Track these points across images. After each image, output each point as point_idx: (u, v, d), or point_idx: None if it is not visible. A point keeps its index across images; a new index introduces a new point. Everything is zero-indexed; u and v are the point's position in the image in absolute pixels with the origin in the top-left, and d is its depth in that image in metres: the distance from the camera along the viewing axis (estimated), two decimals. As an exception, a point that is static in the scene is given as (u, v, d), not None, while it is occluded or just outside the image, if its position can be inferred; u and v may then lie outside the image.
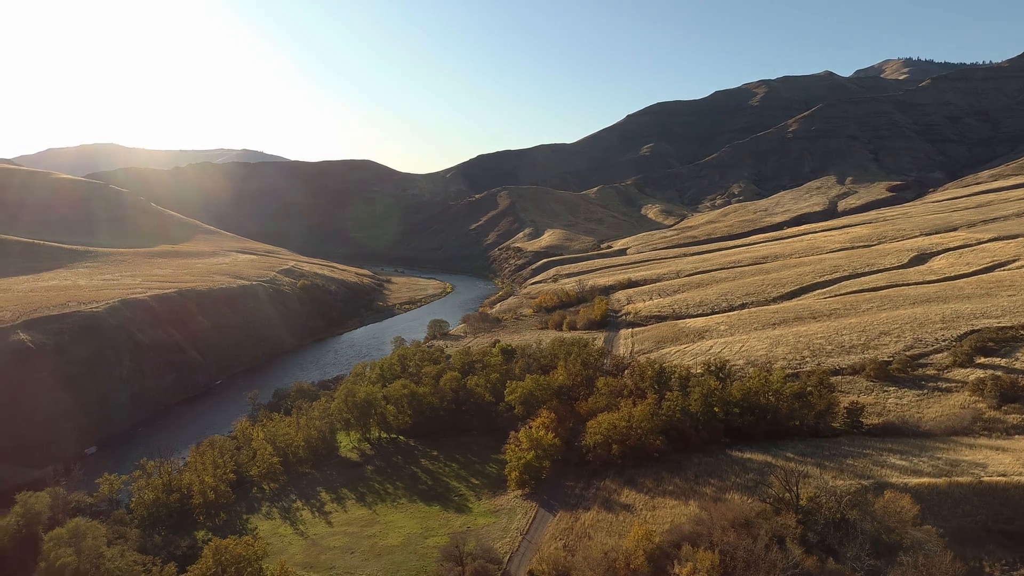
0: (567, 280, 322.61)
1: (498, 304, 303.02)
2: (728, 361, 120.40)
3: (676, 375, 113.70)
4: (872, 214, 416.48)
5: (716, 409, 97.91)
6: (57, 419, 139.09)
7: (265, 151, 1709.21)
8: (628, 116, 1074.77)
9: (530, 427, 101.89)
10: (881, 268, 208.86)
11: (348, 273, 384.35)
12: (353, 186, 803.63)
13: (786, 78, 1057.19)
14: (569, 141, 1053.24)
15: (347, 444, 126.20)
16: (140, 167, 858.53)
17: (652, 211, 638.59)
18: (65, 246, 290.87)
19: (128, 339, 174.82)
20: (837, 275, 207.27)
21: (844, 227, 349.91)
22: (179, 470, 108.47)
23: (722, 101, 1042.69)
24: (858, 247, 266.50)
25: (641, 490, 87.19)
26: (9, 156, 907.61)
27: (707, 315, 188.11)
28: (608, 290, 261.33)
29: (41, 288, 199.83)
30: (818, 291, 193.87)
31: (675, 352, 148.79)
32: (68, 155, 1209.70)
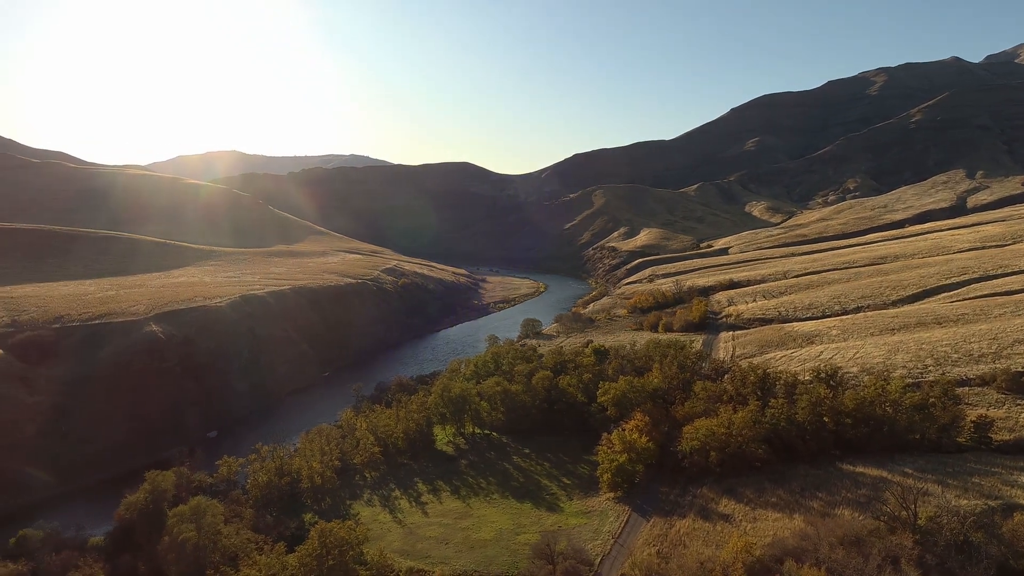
0: (663, 280, 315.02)
1: (591, 304, 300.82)
2: (840, 368, 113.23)
3: (781, 381, 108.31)
4: (1006, 211, 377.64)
5: (826, 419, 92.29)
6: (183, 405, 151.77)
7: (371, 156, 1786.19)
8: (732, 110, 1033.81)
9: (623, 429, 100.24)
10: (1016, 270, 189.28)
11: (445, 272, 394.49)
12: (451, 187, 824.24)
13: (908, 65, 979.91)
14: (668, 138, 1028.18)
15: (443, 438, 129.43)
16: (258, 172, 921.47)
17: (757, 208, 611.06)
18: (192, 246, 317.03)
19: (248, 332, 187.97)
20: (965, 277, 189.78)
21: (974, 225, 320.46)
22: (290, 455, 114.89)
23: (836, 91, 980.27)
24: (990, 247, 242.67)
25: (741, 500, 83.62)
26: (144, 163, 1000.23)
27: (817, 319, 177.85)
28: (707, 291, 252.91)
29: (171, 284, 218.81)
30: (944, 294, 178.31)
31: (781, 357, 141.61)
32: (195, 161, 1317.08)
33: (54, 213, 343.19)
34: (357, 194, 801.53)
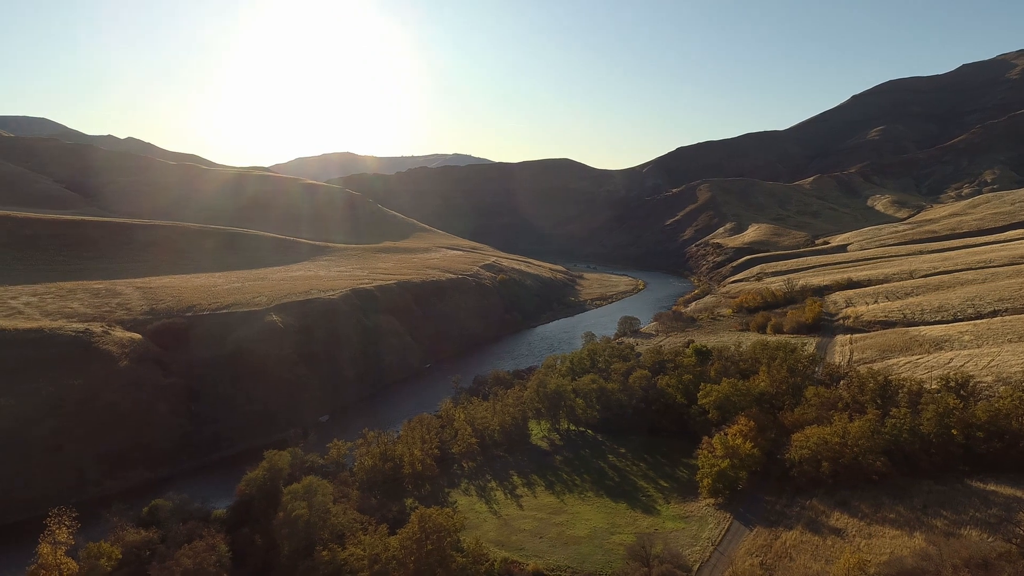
0: (773, 279, 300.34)
1: (693, 303, 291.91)
2: (972, 377, 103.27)
3: (905, 389, 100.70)
4: None
5: (954, 431, 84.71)
6: (298, 390, 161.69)
7: (472, 154, 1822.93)
8: (853, 97, 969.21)
9: (725, 434, 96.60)
10: None
11: (543, 269, 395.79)
12: (550, 184, 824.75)
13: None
14: (780, 128, 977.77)
15: (537, 432, 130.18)
16: (369, 172, 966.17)
17: (880, 202, 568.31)
18: (308, 242, 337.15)
19: (357, 324, 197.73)
20: None
21: None
22: (393, 442, 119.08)
23: (970, 76, 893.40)
24: None
25: (855, 514, 78.41)
26: (267, 164, 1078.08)
27: (947, 323, 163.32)
28: (822, 291, 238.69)
29: (290, 277, 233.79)
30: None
31: (904, 364, 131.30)
32: (312, 163, 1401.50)
33: (188, 211, 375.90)
34: (458, 192, 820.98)
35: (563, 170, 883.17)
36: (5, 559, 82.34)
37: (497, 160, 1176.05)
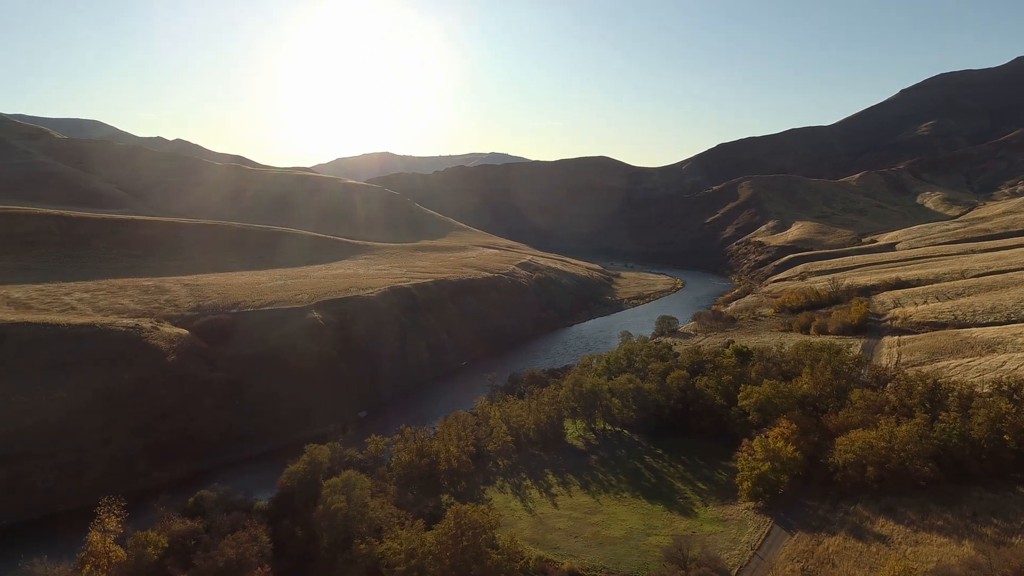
0: (817, 278, 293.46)
1: (733, 303, 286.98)
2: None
3: (955, 393, 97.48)
4: None
5: (1006, 437, 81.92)
6: (338, 386, 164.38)
7: (509, 153, 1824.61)
8: (902, 91, 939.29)
9: (766, 436, 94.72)
10: None
11: (579, 267, 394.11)
12: (587, 182, 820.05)
13: None
14: (825, 123, 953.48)
15: (573, 432, 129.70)
16: (407, 172, 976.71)
17: (931, 200, 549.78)
18: (348, 240, 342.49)
19: (395, 321, 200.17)
20: None
21: None
22: (430, 438, 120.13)
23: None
24: None
25: (901, 521, 76.14)
26: (308, 164, 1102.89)
27: (1000, 324, 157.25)
28: (869, 291, 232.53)
29: (330, 275, 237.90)
30: None
31: (955, 366, 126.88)
32: (352, 163, 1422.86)
33: (234, 210, 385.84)
34: (495, 191, 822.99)
35: (600, 168, 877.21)
36: (58, 546, 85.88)
37: (534, 159, 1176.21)
